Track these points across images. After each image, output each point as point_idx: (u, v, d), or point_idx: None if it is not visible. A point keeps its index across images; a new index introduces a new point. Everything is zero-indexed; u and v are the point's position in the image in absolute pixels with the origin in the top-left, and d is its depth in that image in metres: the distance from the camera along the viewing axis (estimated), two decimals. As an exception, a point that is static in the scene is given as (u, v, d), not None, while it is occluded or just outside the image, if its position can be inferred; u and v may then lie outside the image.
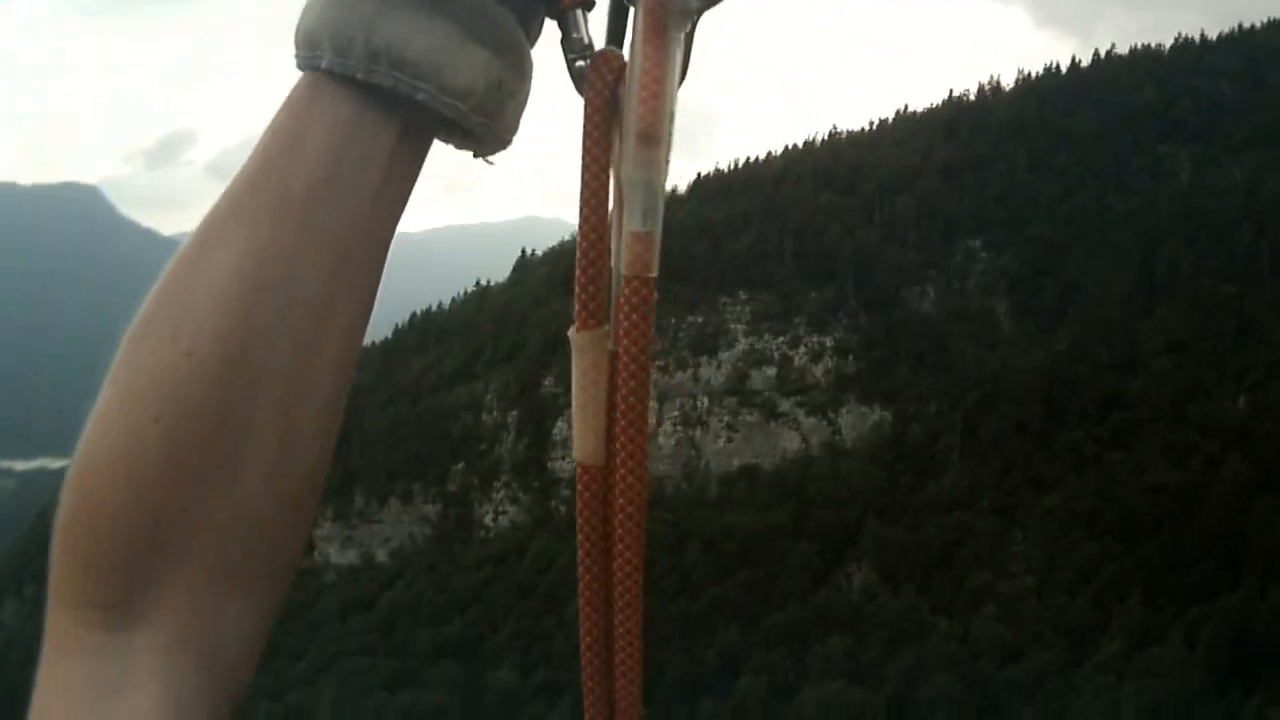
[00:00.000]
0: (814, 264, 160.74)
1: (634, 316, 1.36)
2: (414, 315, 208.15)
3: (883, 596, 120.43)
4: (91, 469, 1.23)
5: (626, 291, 1.36)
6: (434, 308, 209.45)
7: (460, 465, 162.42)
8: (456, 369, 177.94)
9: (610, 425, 1.46)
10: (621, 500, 1.45)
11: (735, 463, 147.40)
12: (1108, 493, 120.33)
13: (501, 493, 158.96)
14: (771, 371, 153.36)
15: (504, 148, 1.43)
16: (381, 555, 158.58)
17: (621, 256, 1.36)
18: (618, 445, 1.43)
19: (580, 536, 1.51)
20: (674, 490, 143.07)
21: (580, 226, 1.42)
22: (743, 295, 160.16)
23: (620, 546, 1.47)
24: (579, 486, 1.51)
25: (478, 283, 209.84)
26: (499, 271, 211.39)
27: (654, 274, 1.35)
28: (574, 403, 1.46)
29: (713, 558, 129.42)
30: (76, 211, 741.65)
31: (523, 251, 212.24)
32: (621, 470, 1.43)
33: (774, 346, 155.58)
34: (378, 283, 1.35)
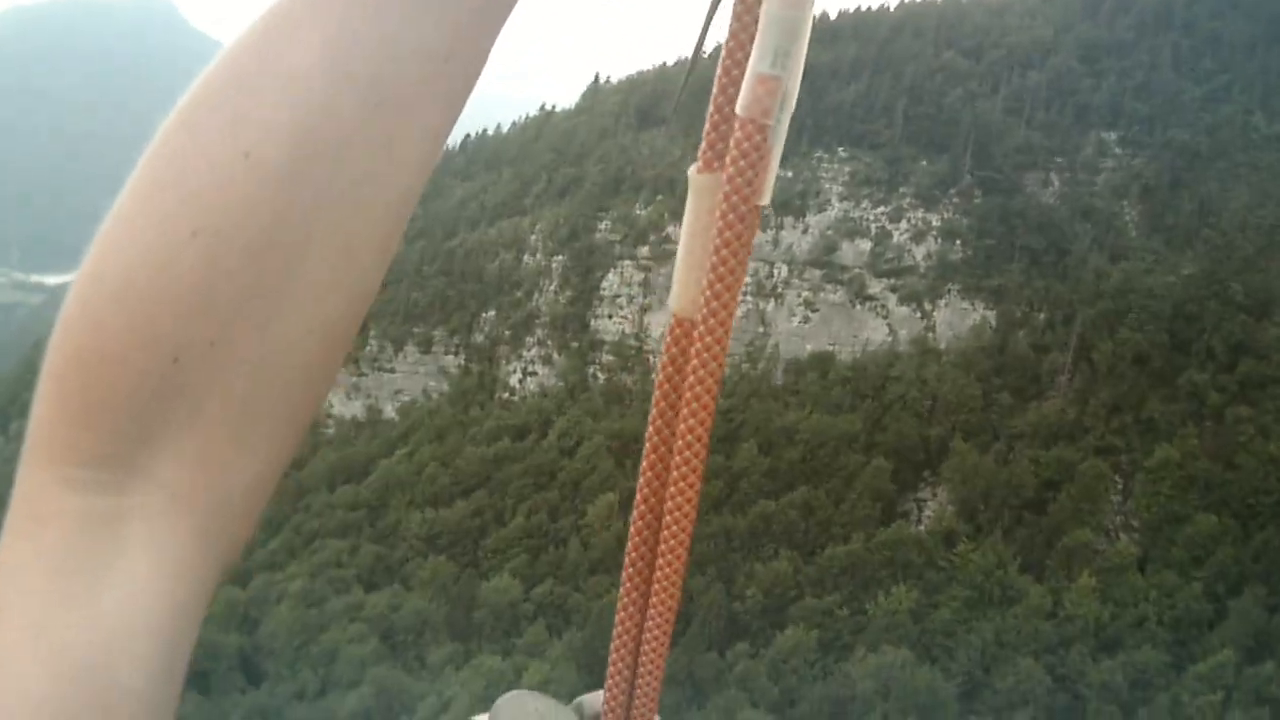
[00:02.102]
0: (928, 129, 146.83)
1: (741, 163, 1.24)
2: (467, 136, 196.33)
3: (962, 541, 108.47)
4: (102, 291, 1.06)
5: (739, 134, 1.24)
6: (490, 130, 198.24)
7: (490, 313, 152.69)
8: (502, 201, 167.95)
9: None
10: (697, 360, 1.34)
11: (808, 348, 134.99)
12: (1228, 456, 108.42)
13: (534, 350, 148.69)
14: (865, 245, 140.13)
15: None
16: (389, 410, 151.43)
17: (741, 95, 1.24)
18: (705, 298, 1.32)
19: (656, 394, 1.42)
20: (733, 372, 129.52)
21: (722, 63, 1.28)
22: (842, 153, 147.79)
23: (686, 412, 1.35)
24: (668, 339, 1.41)
25: (542, 107, 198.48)
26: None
27: (770, 121, 1.23)
28: (680, 247, 1.35)
29: (767, 464, 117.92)
30: (148, 25, 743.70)
31: (596, 77, 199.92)
32: (703, 326, 1.32)
33: (871, 217, 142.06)
34: (470, 90, 1.20)
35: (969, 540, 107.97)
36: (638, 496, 1.42)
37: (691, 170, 1.31)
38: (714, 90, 1.28)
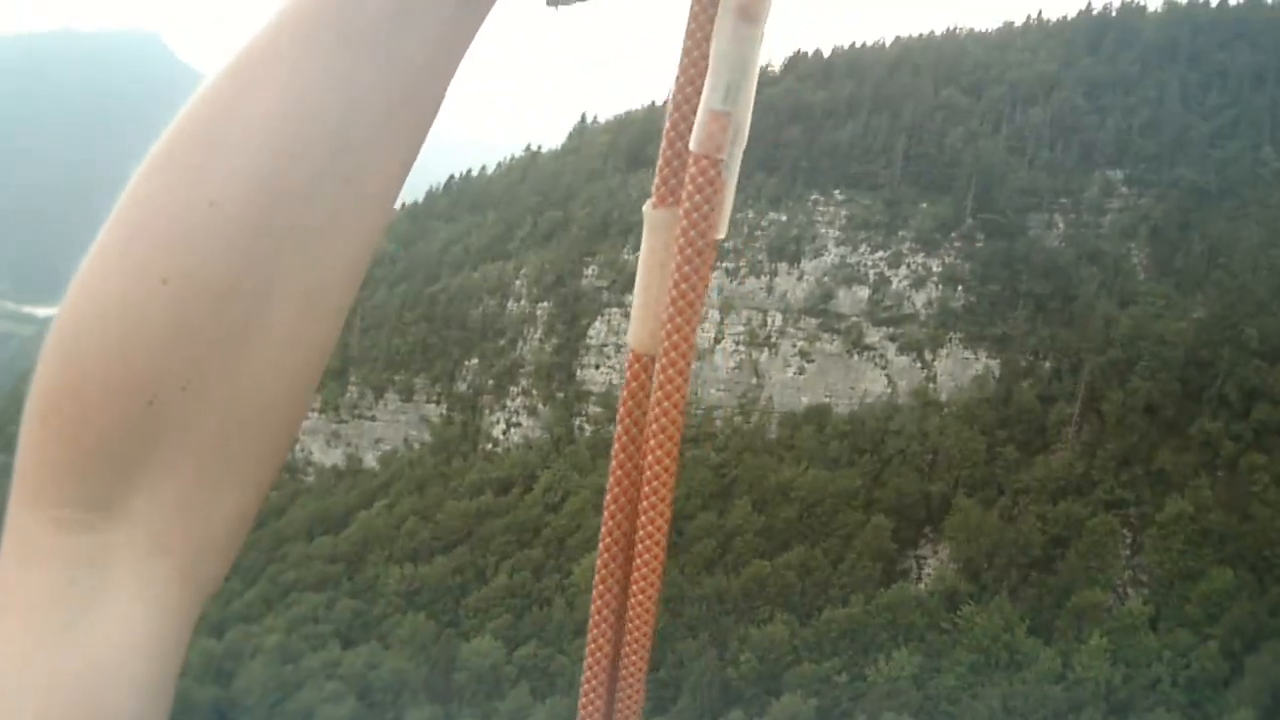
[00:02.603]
0: (928, 170, 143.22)
1: (697, 198, 1.30)
2: (451, 178, 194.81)
3: (967, 602, 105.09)
4: (77, 339, 1.10)
5: (694, 170, 1.31)
6: (474, 172, 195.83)
7: (474, 361, 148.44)
8: (486, 245, 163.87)
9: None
10: (659, 393, 1.38)
11: (804, 400, 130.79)
12: (1242, 506, 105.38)
13: (518, 400, 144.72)
14: (863, 293, 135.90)
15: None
16: (370, 459, 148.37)
17: (694, 132, 1.31)
18: (665, 332, 1.37)
19: (619, 429, 1.46)
20: (725, 425, 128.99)
21: (674, 98, 1.35)
22: (838, 195, 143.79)
23: (653, 444, 1.39)
24: (627, 375, 1.46)
25: (527, 148, 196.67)
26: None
27: (723, 156, 1.29)
28: (637, 284, 1.40)
29: (762, 522, 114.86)
30: (134, 56, 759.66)
31: (583, 117, 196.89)
32: (664, 360, 1.37)
33: (869, 263, 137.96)
34: (427, 132, 1.26)
35: (974, 601, 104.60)
36: (603, 540, 1.46)
37: (646, 206, 1.36)
38: (665, 126, 1.34)
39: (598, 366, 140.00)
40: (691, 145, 1.29)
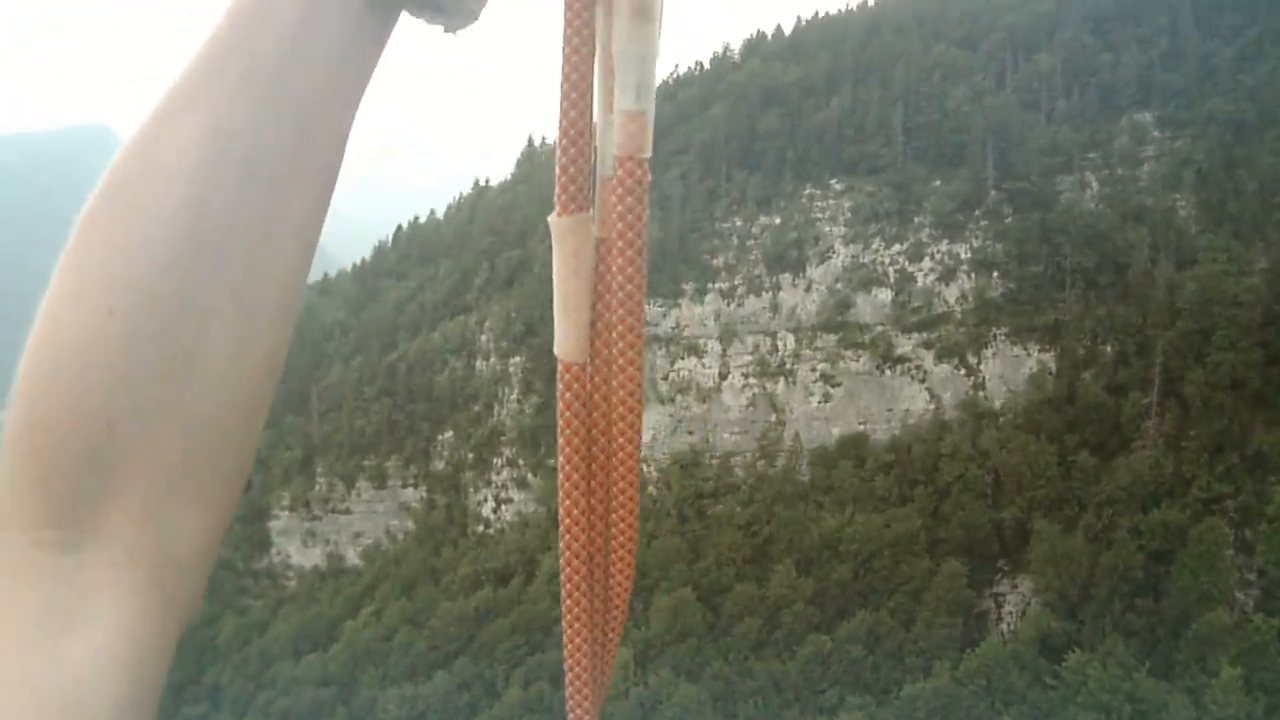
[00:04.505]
0: (934, 141, 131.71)
1: (628, 199, 1.38)
2: (399, 229, 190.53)
3: (1071, 646, 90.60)
4: (40, 373, 1.22)
5: (620, 173, 1.38)
6: (420, 218, 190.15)
7: (448, 434, 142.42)
8: (443, 299, 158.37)
9: (596, 318, 1.49)
10: (620, 401, 1.47)
11: (835, 431, 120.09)
12: None
13: (504, 473, 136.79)
14: (884, 296, 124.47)
15: (473, 21, 1.46)
16: (352, 555, 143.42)
17: (613, 136, 1.39)
18: (614, 337, 1.45)
19: (561, 441, 1.52)
20: (747, 473, 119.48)
21: (561, 104, 1.43)
22: (836, 185, 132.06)
23: (622, 455, 1.49)
24: (559, 386, 1.51)
25: (475, 183, 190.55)
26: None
27: (648, 154, 1.38)
28: (555, 294, 1.48)
29: (811, 587, 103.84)
30: (89, 152, 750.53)
31: (529, 140, 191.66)
32: (620, 363, 1.45)
33: (886, 259, 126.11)
34: (340, 162, 1.39)
35: (1077, 645, 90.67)
36: (564, 554, 1.52)
37: (551, 217, 1.44)
38: (558, 134, 1.42)
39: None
40: (616, 149, 1.36)
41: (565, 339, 1.46)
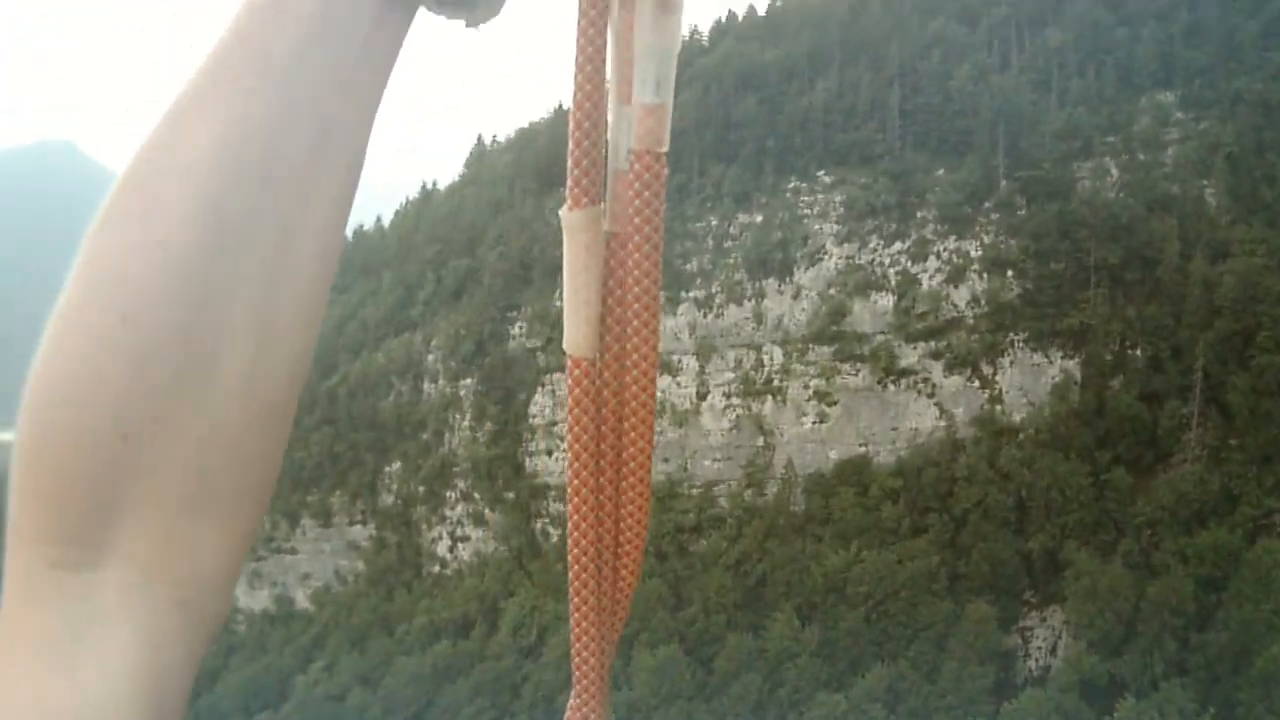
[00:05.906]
0: (936, 126, 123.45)
1: (645, 194, 1.41)
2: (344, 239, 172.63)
3: (1121, 692, 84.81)
4: (51, 383, 1.19)
5: (637, 167, 1.41)
6: (365, 226, 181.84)
7: (395, 465, 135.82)
8: (385, 315, 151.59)
9: (606, 314, 1.51)
10: (633, 396, 1.50)
11: (832, 455, 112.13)
12: None
13: (458, 508, 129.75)
14: (885, 301, 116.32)
15: (494, 16, 1.46)
16: (301, 598, 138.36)
17: (630, 129, 1.41)
18: (628, 332, 1.48)
19: (570, 437, 1.53)
20: (733, 504, 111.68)
21: (574, 97, 1.43)
22: (825, 178, 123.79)
23: (634, 450, 1.51)
24: (569, 381, 1.52)
25: (422, 186, 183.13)
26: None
27: (665, 148, 1.41)
28: (565, 288, 1.49)
29: (819, 636, 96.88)
30: (54, 169, 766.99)
31: (479, 139, 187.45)
32: (634, 358, 1.48)
33: (886, 259, 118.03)
34: (361, 162, 1.37)
35: (1127, 690, 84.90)
36: (571, 555, 1.52)
37: (563, 211, 1.43)
38: (571, 127, 1.41)
39: (550, 452, 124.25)
40: (634, 143, 1.38)
41: (575, 334, 1.47)
